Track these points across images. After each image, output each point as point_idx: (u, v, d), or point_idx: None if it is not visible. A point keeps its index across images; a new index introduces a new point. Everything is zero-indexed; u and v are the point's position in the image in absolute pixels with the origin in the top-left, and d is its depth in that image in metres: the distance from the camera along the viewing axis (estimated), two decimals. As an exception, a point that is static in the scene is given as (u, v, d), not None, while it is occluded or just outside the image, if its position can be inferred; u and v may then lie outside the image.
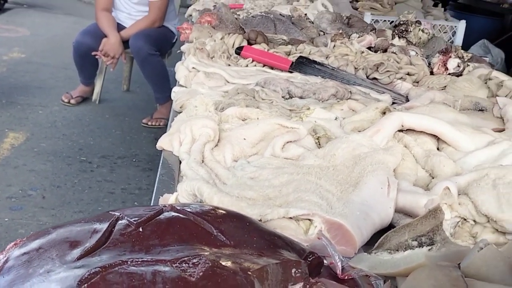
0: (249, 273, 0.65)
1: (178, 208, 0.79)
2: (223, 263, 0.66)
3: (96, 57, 4.14)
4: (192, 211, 0.78)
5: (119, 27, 4.17)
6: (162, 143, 1.28)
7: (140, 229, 0.72)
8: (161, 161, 1.21)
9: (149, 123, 4.21)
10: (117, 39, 4.02)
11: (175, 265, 0.64)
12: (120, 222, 0.74)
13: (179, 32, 2.35)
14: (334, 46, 2.16)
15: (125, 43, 4.09)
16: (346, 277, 0.84)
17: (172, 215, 0.76)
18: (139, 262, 0.64)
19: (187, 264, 0.65)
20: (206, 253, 0.68)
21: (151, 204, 1.03)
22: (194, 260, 0.66)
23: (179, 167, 1.18)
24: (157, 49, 4.00)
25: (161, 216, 0.76)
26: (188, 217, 0.76)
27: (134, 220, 0.74)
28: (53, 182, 3.29)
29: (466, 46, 4.46)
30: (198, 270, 0.63)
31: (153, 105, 4.48)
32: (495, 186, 0.98)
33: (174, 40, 4.33)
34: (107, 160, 3.68)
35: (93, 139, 3.94)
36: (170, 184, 1.11)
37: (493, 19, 5.39)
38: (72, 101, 4.45)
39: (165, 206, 0.80)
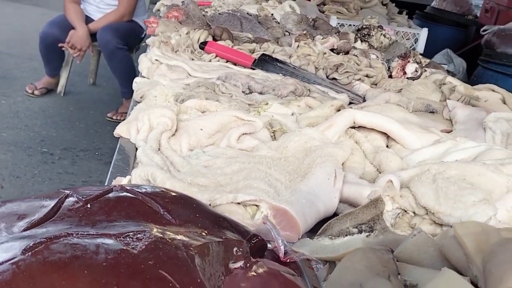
0: (191, 248, 0.68)
1: (128, 188, 0.81)
2: (166, 239, 0.69)
3: (63, 49, 4.11)
4: (141, 191, 0.81)
5: (88, 20, 4.14)
6: (120, 130, 1.30)
7: (88, 206, 0.75)
8: (117, 148, 1.23)
9: (114, 117, 4.20)
10: (85, 31, 4.00)
11: (119, 239, 0.67)
12: (69, 199, 0.77)
13: (146, 26, 2.37)
14: (298, 46, 2.21)
15: (93, 36, 4.07)
16: (288, 260, 0.88)
17: (121, 194, 0.79)
18: (84, 235, 0.66)
19: (131, 239, 0.67)
20: (151, 229, 0.70)
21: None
22: (139, 235, 0.68)
23: (135, 154, 1.20)
24: (125, 43, 4.00)
25: (110, 195, 0.78)
26: (137, 196, 0.79)
27: (83, 197, 0.76)
28: (12, 172, 3.25)
29: (430, 54, 4.58)
30: (141, 244, 0.66)
31: (119, 99, 4.47)
32: (434, 181, 1.04)
33: (143, 35, 4.33)
34: (69, 153, 3.66)
35: (56, 131, 3.91)
36: (124, 170, 1.13)
37: (458, 30, 5.54)
38: (36, 92, 4.40)
39: (115, 186, 0.82)
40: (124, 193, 0.79)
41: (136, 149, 1.22)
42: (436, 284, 0.68)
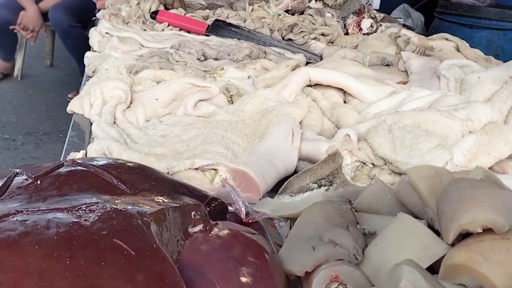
0: (146, 216, 0.68)
1: (80, 161, 0.80)
2: (120, 208, 0.68)
3: (15, 31, 3.98)
4: (93, 164, 0.79)
5: (38, 0, 4.02)
6: (73, 106, 1.27)
7: (38, 182, 0.73)
8: (71, 124, 1.20)
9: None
10: (36, 11, 3.87)
11: (71, 212, 0.66)
12: (18, 177, 0.75)
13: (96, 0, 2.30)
14: (252, 9, 2.18)
15: (45, 15, 3.95)
16: (250, 221, 0.88)
17: (72, 168, 0.77)
18: (34, 211, 0.65)
19: (83, 211, 0.66)
20: (104, 200, 0.69)
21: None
22: (91, 207, 0.67)
23: (90, 129, 1.18)
24: (78, 20, 3.89)
25: (61, 169, 0.77)
26: (89, 169, 0.77)
27: (33, 174, 0.75)
28: (-26, 161, 3.18)
29: (388, 10, 4.57)
30: (93, 215, 0.65)
31: (79, 79, 4.36)
32: (390, 131, 1.04)
33: (96, 11, 4.22)
34: (32, 137, 3.58)
35: (16, 116, 3.82)
36: (80, 146, 1.11)
37: (414, -16, 5.54)
38: (-8, 78, 4.29)
39: (67, 160, 0.80)
40: (76, 167, 0.77)
41: (91, 124, 1.20)
42: (391, 229, 0.69)
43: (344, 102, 1.33)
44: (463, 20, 3.45)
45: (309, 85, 1.33)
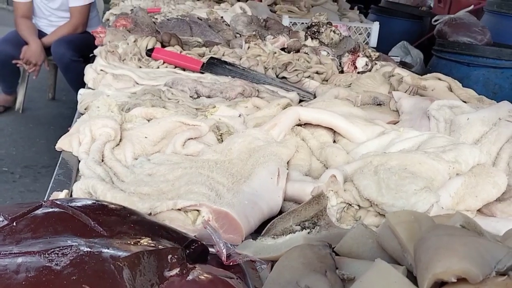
0: (120, 260, 0.67)
1: (58, 202, 0.79)
2: (93, 251, 0.67)
3: (18, 65, 4.03)
4: (71, 205, 0.79)
5: (40, 35, 4.07)
6: (62, 143, 1.27)
7: (14, 224, 0.73)
8: (59, 162, 1.20)
9: (75, 131, 4.13)
10: (39, 46, 3.92)
11: (44, 255, 0.65)
12: (-5, 218, 0.74)
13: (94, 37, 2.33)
14: (249, 47, 2.20)
15: (47, 50, 4.00)
16: (231, 263, 0.87)
17: (50, 210, 0.77)
18: (6, 254, 0.64)
19: (55, 254, 0.65)
20: (78, 244, 0.69)
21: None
22: (64, 250, 0.67)
23: (78, 167, 1.18)
24: (80, 55, 3.94)
25: (38, 211, 0.76)
26: (67, 210, 0.77)
27: (10, 216, 0.74)
28: (-29, 194, 3.18)
29: (387, 47, 4.62)
30: (65, 259, 0.64)
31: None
32: (376, 172, 1.04)
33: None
34: (31, 170, 3.58)
35: (15, 149, 3.83)
36: (66, 184, 1.11)
37: (413, 22, 5.61)
38: (-7, 110, 4.32)
39: (46, 201, 0.80)
40: (53, 209, 0.77)
41: (79, 161, 1.20)
42: (368, 276, 0.68)
43: (334, 141, 1.33)
44: (461, 58, 3.47)
45: (299, 124, 1.33)
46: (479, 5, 4.88)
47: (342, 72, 2.13)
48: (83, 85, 4.16)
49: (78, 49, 3.95)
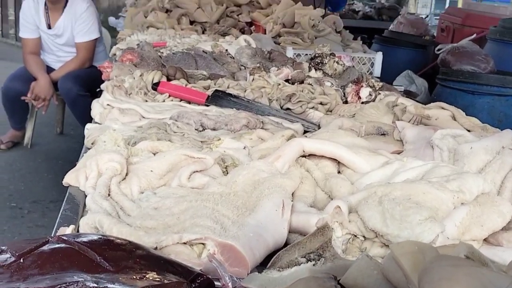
0: (125, 295, 0.67)
1: (65, 238, 0.80)
2: (99, 287, 0.68)
3: (26, 101, 4.07)
4: (78, 241, 0.80)
5: (48, 70, 4.14)
6: (69, 178, 1.28)
7: (21, 260, 0.73)
8: (66, 197, 1.21)
9: (82, 165, 4.15)
10: (47, 81, 3.98)
11: (50, 291, 0.66)
12: (2, 255, 0.75)
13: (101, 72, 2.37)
14: (253, 79, 2.23)
15: (55, 85, 4.06)
16: (236, 297, 0.87)
17: (56, 246, 0.77)
18: (13, 291, 0.65)
19: (62, 290, 0.66)
20: (84, 280, 0.69)
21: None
22: (71, 287, 0.67)
23: (84, 202, 1.19)
24: (87, 89, 3.99)
25: (45, 247, 0.77)
26: (73, 246, 0.78)
27: (17, 252, 0.75)
28: (-20, 229, 3.19)
29: (392, 76, 4.65)
30: (71, 295, 0.65)
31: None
32: (380, 203, 1.04)
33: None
34: (39, 205, 3.60)
35: (24, 184, 3.85)
36: (72, 219, 1.12)
37: (417, 51, 5.65)
38: (2, 146, 4.36)
39: (52, 237, 0.81)
40: (60, 244, 0.78)
41: (86, 196, 1.21)
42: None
43: (339, 172, 1.34)
44: (465, 87, 3.49)
45: (303, 155, 1.34)
46: (482, 34, 4.92)
47: (346, 102, 2.15)
48: (90, 119, 4.21)
49: (85, 83, 4.00)
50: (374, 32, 6.72)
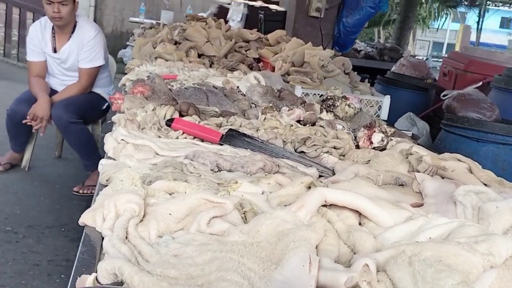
0: None
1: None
2: None
3: (25, 122, 4.03)
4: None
5: (52, 93, 4.13)
6: (85, 218, 1.25)
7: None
8: (82, 238, 1.18)
9: (80, 191, 4.11)
10: (46, 101, 3.94)
11: None
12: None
13: (111, 102, 2.35)
14: (265, 118, 2.22)
15: None
16: None
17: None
18: None
19: None
20: None
21: (69, 286, 0.99)
22: None
23: (101, 244, 1.16)
24: (80, 116, 3.97)
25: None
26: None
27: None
28: (-27, 254, 3.12)
29: (393, 118, 4.67)
30: None
31: (86, 172, 4.40)
32: (411, 263, 1.02)
33: (105, 107, 4.33)
34: (34, 230, 3.53)
35: (20, 208, 3.79)
36: (90, 263, 1.08)
37: (418, 93, 5.70)
38: (0, 168, 4.31)
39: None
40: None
41: (102, 238, 1.17)
42: None
43: (359, 224, 1.31)
44: (470, 134, 3.50)
45: (324, 205, 1.32)
46: (485, 80, 4.97)
47: (357, 146, 2.14)
48: (83, 145, 4.15)
49: (78, 110, 3.98)
50: (376, 71, 6.78)
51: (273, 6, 6.30)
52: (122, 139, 1.74)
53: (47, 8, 3.93)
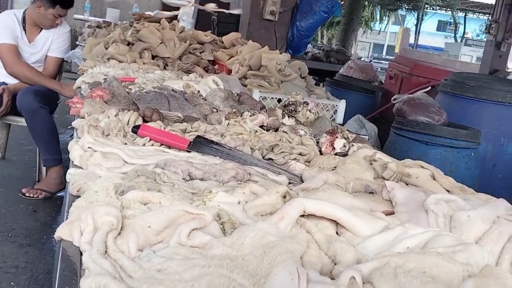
0: None
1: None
2: None
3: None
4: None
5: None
6: (61, 233, 1.21)
7: None
8: (60, 254, 1.14)
9: (27, 194, 3.96)
10: (69, 83, 3.93)
11: None
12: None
13: (69, 106, 2.28)
14: (228, 124, 2.21)
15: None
16: None
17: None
18: None
19: None
20: None
21: (55, 306, 0.96)
22: None
23: (80, 259, 1.12)
24: (46, 105, 3.90)
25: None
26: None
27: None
28: None
29: (343, 119, 4.76)
30: None
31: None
32: (396, 275, 1.04)
33: (59, 101, 4.29)
34: (-23, 238, 3.39)
35: (-38, 214, 3.63)
36: (72, 280, 1.05)
37: (366, 96, 5.83)
38: None
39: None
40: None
41: (81, 253, 1.14)
42: None
43: (337, 233, 1.33)
44: (419, 137, 3.61)
45: (302, 215, 1.33)
46: (430, 84, 5.14)
47: (320, 151, 2.17)
48: (48, 135, 4.03)
49: (43, 99, 3.93)
50: (323, 73, 6.89)
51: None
52: (89, 147, 1.70)
53: (51, 18, 3.99)
